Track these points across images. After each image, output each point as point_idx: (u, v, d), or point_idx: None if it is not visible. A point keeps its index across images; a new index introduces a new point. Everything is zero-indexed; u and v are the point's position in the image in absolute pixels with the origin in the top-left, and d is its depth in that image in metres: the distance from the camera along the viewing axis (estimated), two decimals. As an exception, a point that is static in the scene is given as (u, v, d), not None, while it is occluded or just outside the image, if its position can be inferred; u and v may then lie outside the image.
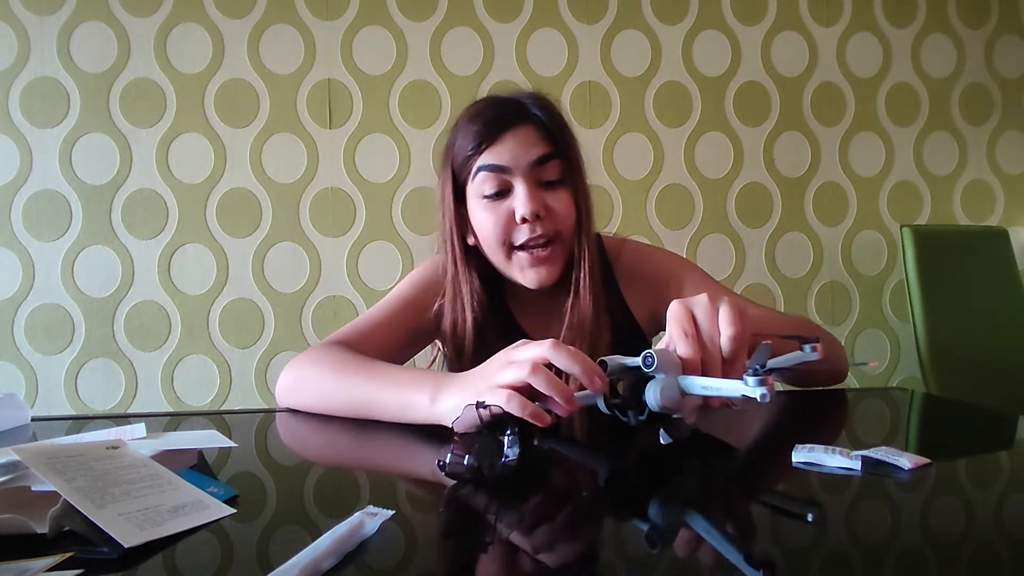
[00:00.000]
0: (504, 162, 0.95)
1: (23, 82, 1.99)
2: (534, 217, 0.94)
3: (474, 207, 0.99)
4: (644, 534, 0.47)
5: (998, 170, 2.39)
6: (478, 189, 0.97)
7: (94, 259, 2.02)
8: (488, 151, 0.96)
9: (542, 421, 0.62)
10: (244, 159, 2.06)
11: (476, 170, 0.96)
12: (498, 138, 0.96)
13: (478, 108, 1.01)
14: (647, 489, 0.58)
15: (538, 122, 0.98)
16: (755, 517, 0.52)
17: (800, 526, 0.50)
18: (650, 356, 0.61)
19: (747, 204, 2.26)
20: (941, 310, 2.09)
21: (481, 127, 0.97)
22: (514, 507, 0.54)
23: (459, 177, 1.00)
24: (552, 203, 0.96)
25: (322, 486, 0.62)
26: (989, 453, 0.70)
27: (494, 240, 0.97)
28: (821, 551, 0.44)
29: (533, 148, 0.96)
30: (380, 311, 1.03)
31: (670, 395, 0.61)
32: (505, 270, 1.00)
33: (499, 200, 0.96)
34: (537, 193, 0.95)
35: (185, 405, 2.05)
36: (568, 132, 1.00)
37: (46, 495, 0.46)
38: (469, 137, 0.98)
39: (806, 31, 2.29)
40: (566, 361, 0.63)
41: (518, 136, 0.96)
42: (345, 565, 0.41)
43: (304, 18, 2.08)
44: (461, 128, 1.01)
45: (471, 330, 1.00)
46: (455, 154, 1.00)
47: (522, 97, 1.01)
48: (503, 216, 0.96)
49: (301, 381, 0.87)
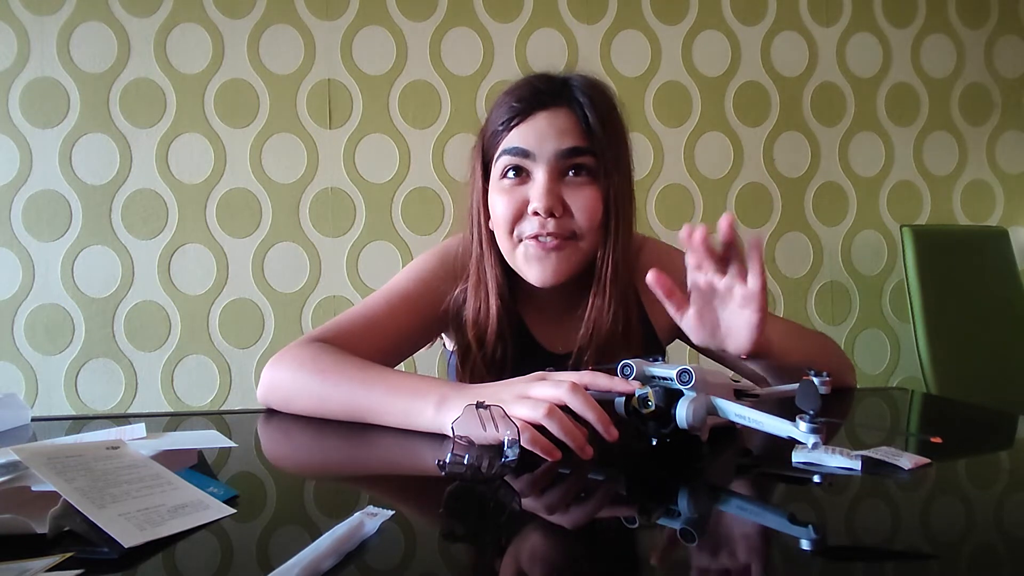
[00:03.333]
0: (528, 145, 0.88)
1: (23, 82, 1.99)
2: (547, 213, 0.87)
3: (492, 187, 0.92)
4: (679, 532, 0.47)
5: (998, 170, 2.39)
6: (499, 168, 0.90)
7: (94, 259, 2.02)
8: (517, 129, 0.89)
9: (553, 457, 0.61)
10: (244, 159, 2.06)
11: (501, 150, 0.90)
12: (529, 117, 0.88)
13: (521, 80, 0.93)
14: (646, 488, 0.58)
15: (578, 108, 0.89)
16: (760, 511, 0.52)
17: (800, 526, 0.50)
18: (687, 373, 0.60)
19: (747, 204, 2.26)
20: (941, 310, 2.09)
21: (515, 102, 0.89)
22: (514, 506, 0.54)
23: (487, 153, 0.93)
24: (573, 200, 0.88)
25: (322, 486, 0.62)
26: (989, 453, 0.70)
27: (502, 226, 0.90)
28: (821, 551, 0.44)
29: (564, 136, 0.88)
30: (377, 308, 0.95)
31: (701, 415, 0.60)
32: (511, 260, 0.93)
33: (517, 184, 0.89)
34: (556, 187, 0.88)
35: (185, 405, 2.05)
36: (612, 126, 0.91)
37: (46, 495, 0.46)
38: (502, 110, 0.91)
39: (806, 31, 2.29)
40: (582, 407, 0.62)
41: (551, 119, 0.88)
42: (345, 565, 0.41)
43: (304, 18, 2.08)
44: (499, 100, 0.93)
45: (495, 320, 0.93)
46: (486, 128, 0.93)
47: (572, 78, 0.92)
48: (516, 203, 0.89)
49: (289, 381, 0.83)
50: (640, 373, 0.64)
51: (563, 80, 0.92)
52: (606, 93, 0.93)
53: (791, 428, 0.55)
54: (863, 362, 2.32)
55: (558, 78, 0.93)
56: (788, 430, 0.55)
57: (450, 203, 2.11)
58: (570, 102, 0.89)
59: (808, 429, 0.53)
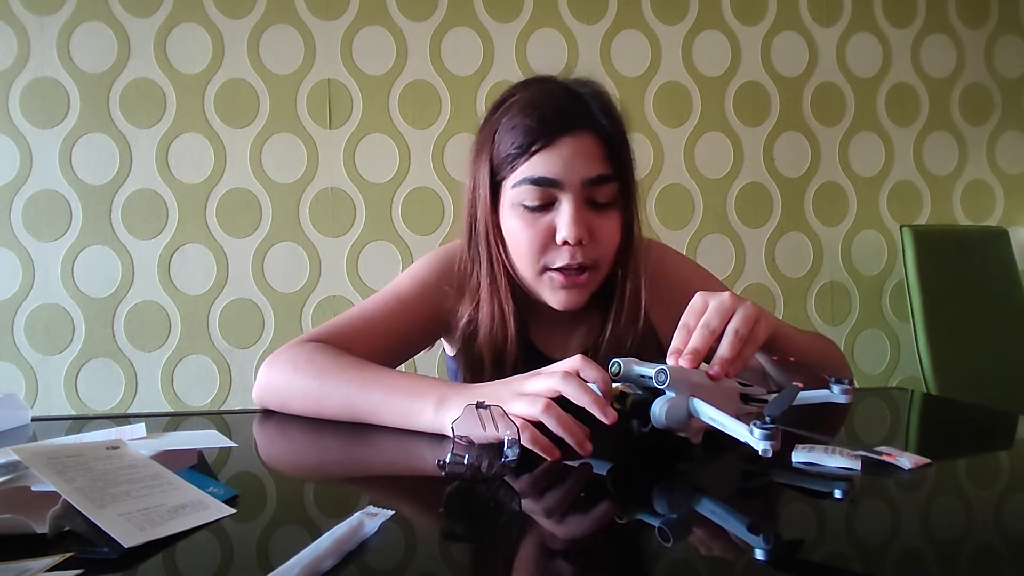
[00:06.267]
0: (555, 174, 0.83)
1: (23, 82, 1.99)
2: (577, 242, 0.84)
3: (508, 213, 0.88)
4: (657, 529, 0.47)
5: (998, 170, 2.39)
6: (518, 196, 0.86)
7: (94, 259, 2.02)
8: (540, 156, 0.84)
9: (552, 457, 0.62)
10: (244, 159, 2.06)
11: (521, 178, 0.85)
12: (554, 142, 0.83)
13: (534, 96, 0.87)
14: (645, 489, 0.58)
15: (601, 132, 0.86)
16: (755, 511, 0.52)
17: (800, 526, 0.50)
18: (664, 372, 0.60)
19: (747, 204, 2.26)
20: (941, 310, 2.09)
21: (536, 124, 0.84)
22: (514, 507, 0.54)
23: (497, 173, 0.88)
24: (598, 228, 0.86)
25: (322, 486, 0.62)
26: (989, 453, 0.70)
27: (527, 256, 0.87)
28: (821, 551, 0.44)
29: (592, 163, 0.84)
30: (374, 310, 0.94)
31: (676, 416, 0.60)
32: (532, 286, 0.90)
33: (540, 213, 0.85)
34: (584, 215, 0.84)
35: (185, 405, 2.05)
36: (628, 146, 0.89)
37: (46, 495, 0.46)
38: (519, 131, 0.85)
39: (806, 31, 2.29)
40: (576, 393, 0.62)
41: (576, 145, 0.84)
42: (345, 565, 0.41)
43: (304, 18, 2.08)
44: (510, 114, 0.87)
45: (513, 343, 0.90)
46: (497, 144, 0.87)
47: (587, 94, 0.88)
48: (541, 233, 0.85)
49: (285, 382, 0.82)
50: (627, 371, 0.64)
51: (580, 97, 0.88)
52: (617, 109, 0.91)
53: (746, 433, 0.54)
54: (863, 362, 2.32)
55: (574, 93, 0.88)
56: (744, 434, 0.55)
57: (450, 203, 2.12)
58: (593, 124, 0.86)
59: (761, 436, 0.53)
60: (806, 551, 0.44)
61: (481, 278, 0.92)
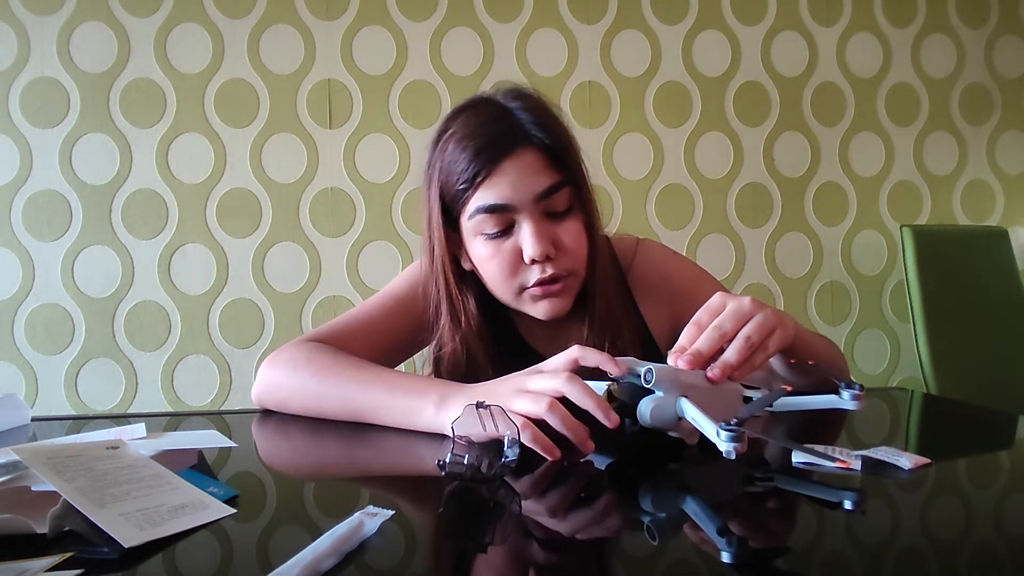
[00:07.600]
0: (506, 199, 0.84)
1: (23, 82, 1.99)
2: (544, 258, 0.85)
3: (473, 242, 0.88)
4: (644, 527, 0.47)
5: (998, 170, 2.39)
6: (477, 226, 0.86)
7: (94, 259, 2.02)
8: (485, 186, 0.84)
9: (553, 456, 0.62)
10: (244, 159, 2.06)
11: (474, 209, 0.85)
12: (495, 169, 0.83)
13: (467, 127, 0.87)
14: (644, 487, 0.58)
15: (539, 143, 0.85)
16: (748, 511, 0.52)
17: (800, 526, 0.50)
18: (650, 372, 0.61)
19: (747, 204, 2.26)
20: (941, 310, 2.09)
21: (474, 156, 0.84)
22: (514, 507, 0.54)
23: (452, 208, 0.88)
24: (563, 238, 0.86)
25: (322, 486, 0.62)
26: (989, 453, 0.70)
27: (501, 281, 0.88)
28: (822, 551, 0.44)
29: (538, 177, 0.84)
30: (372, 310, 0.95)
31: (662, 415, 0.60)
32: (514, 306, 0.91)
33: (502, 238, 0.86)
34: (545, 229, 0.85)
35: (185, 405, 2.05)
36: (571, 146, 0.89)
37: (46, 495, 0.46)
38: (460, 165, 0.85)
39: (806, 31, 2.29)
40: (580, 396, 0.62)
41: (518, 165, 0.84)
42: (345, 565, 0.41)
43: (304, 18, 2.08)
44: (449, 149, 0.87)
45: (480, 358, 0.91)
46: (444, 180, 0.87)
47: (516, 111, 0.87)
48: (508, 256, 0.86)
49: (285, 381, 0.83)
50: (625, 371, 0.64)
51: (511, 116, 0.87)
52: (552, 112, 0.90)
53: (713, 434, 0.54)
54: (863, 362, 2.32)
55: (504, 115, 0.87)
56: (712, 435, 0.54)
57: (450, 203, 2.11)
58: (530, 139, 0.85)
59: (727, 437, 0.53)
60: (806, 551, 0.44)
61: (442, 314, 0.92)
